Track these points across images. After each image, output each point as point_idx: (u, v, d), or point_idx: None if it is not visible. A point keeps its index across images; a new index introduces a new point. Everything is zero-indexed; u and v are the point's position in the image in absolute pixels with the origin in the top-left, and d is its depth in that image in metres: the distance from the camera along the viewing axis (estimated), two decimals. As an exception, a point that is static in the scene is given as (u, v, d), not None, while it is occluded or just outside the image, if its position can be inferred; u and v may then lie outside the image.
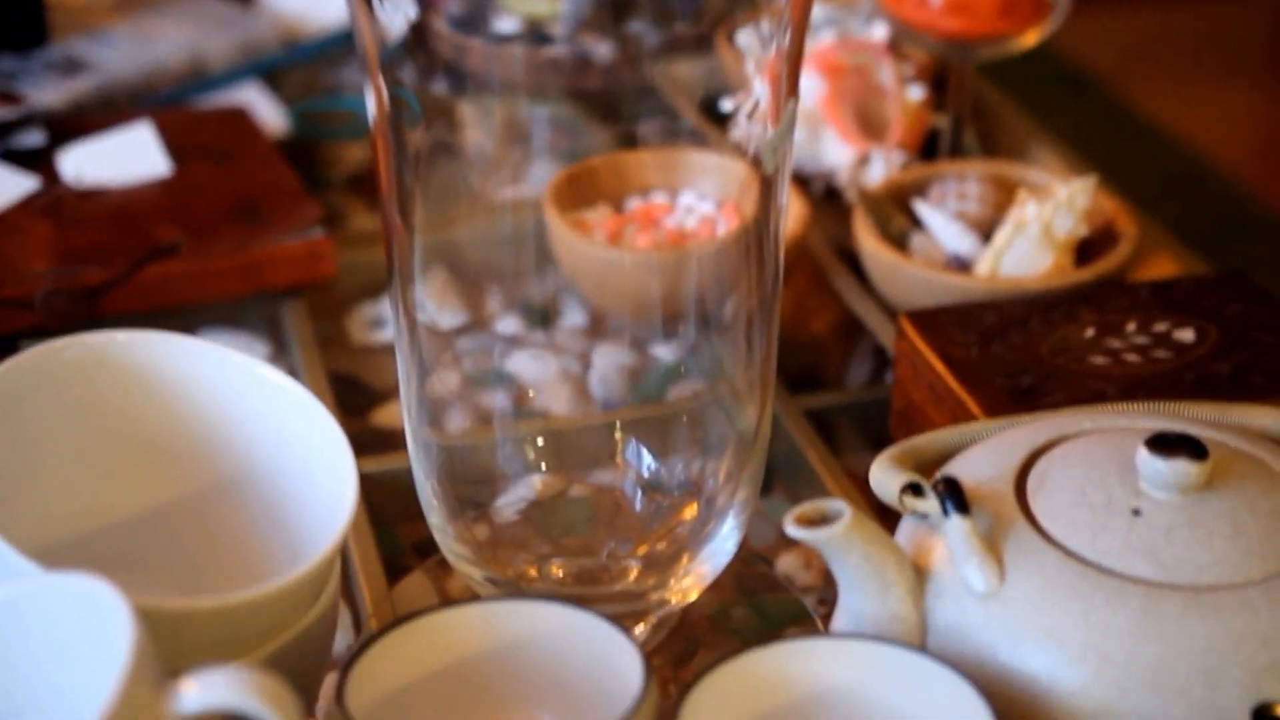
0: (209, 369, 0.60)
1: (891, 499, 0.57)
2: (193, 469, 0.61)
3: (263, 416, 0.60)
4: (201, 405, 0.61)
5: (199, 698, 0.44)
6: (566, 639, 0.54)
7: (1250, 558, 0.54)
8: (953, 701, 0.51)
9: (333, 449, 0.57)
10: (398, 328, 0.65)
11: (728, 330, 0.67)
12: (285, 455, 0.60)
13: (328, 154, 1.13)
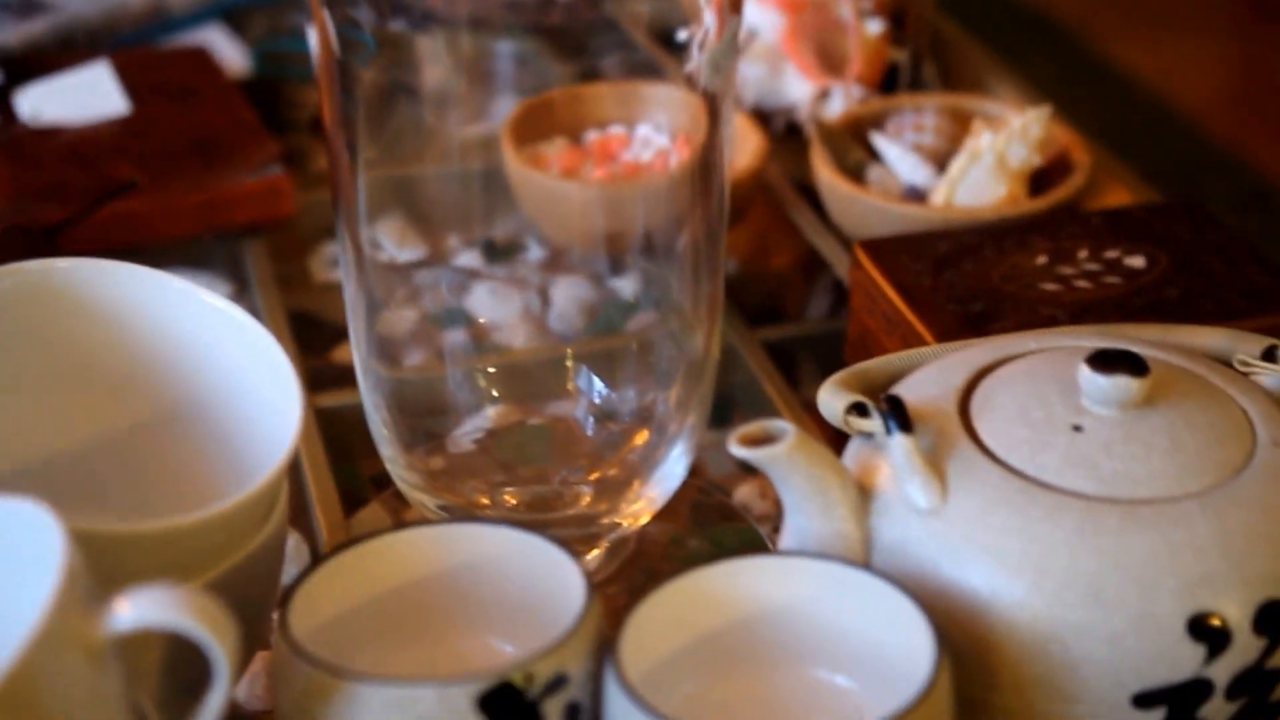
0: (151, 295, 0.60)
1: (838, 420, 0.58)
2: (138, 398, 0.61)
3: (206, 343, 0.60)
4: (145, 333, 0.60)
5: (132, 616, 0.44)
6: (512, 562, 0.55)
7: (1188, 471, 0.54)
8: (895, 616, 0.52)
9: (277, 373, 0.58)
10: (344, 261, 0.65)
11: (677, 259, 0.67)
12: (230, 382, 0.60)
13: (291, 95, 1.13)
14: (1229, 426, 0.56)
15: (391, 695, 0.48)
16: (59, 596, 0.42)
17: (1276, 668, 0.53)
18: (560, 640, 0.49)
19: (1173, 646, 0.52)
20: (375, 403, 0.66)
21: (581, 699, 0.50)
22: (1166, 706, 0.52)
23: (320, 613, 0.53)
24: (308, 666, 0.49)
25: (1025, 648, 0.53)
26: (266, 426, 0.58)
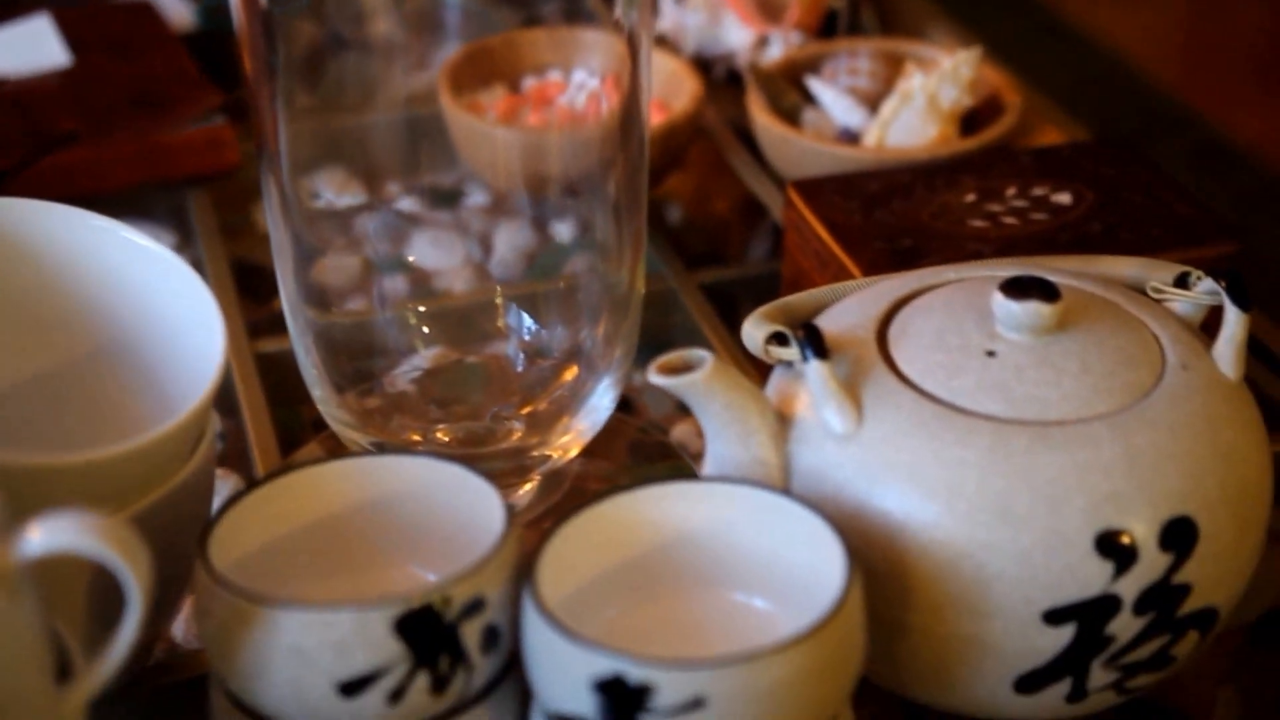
0: (75, 234, 0.61)
1: (758, 350, 0.59)
2: (64, 337, 0.61)
3: (131, 281, 0.61)
4: (69, 271, 0.61)
5: (42, 542, 0.45)
6: (435, 493, 0.55)
7: (1097, 394, 0.55)
8: (810, 539, 0.53)
9: (202, 310, 0.58)
10: (269, 205, 0.65)
11: (605, 199, 0.68)
12: (156, 319, 0.60)
13: (237, 47, 1.12)
14: (1139, 351, 0.57)
15: (310, 620, 0.49)
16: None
17: (1182, 583, 0.54)
18: (477, 564, 0.50)
19: (1081, 563, 0.53)
20: (306, 345, 0.67)
21: (500, 622, 0.51)
22: (1076, 622, 0.54)
23: (244, 544, 0.54)
24: (228, 594, 0.50)
25: (939, 567, 0.54)
26: (192, 363, 0.58)
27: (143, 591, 0.46)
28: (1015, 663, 0.55)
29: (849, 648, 0.49)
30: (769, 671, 0.47)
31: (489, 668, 0.51)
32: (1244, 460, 0.56)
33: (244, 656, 0.50)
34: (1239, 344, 0.58)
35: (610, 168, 0.67)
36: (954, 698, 0.57)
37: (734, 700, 0.47)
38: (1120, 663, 0.55)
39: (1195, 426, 0.55)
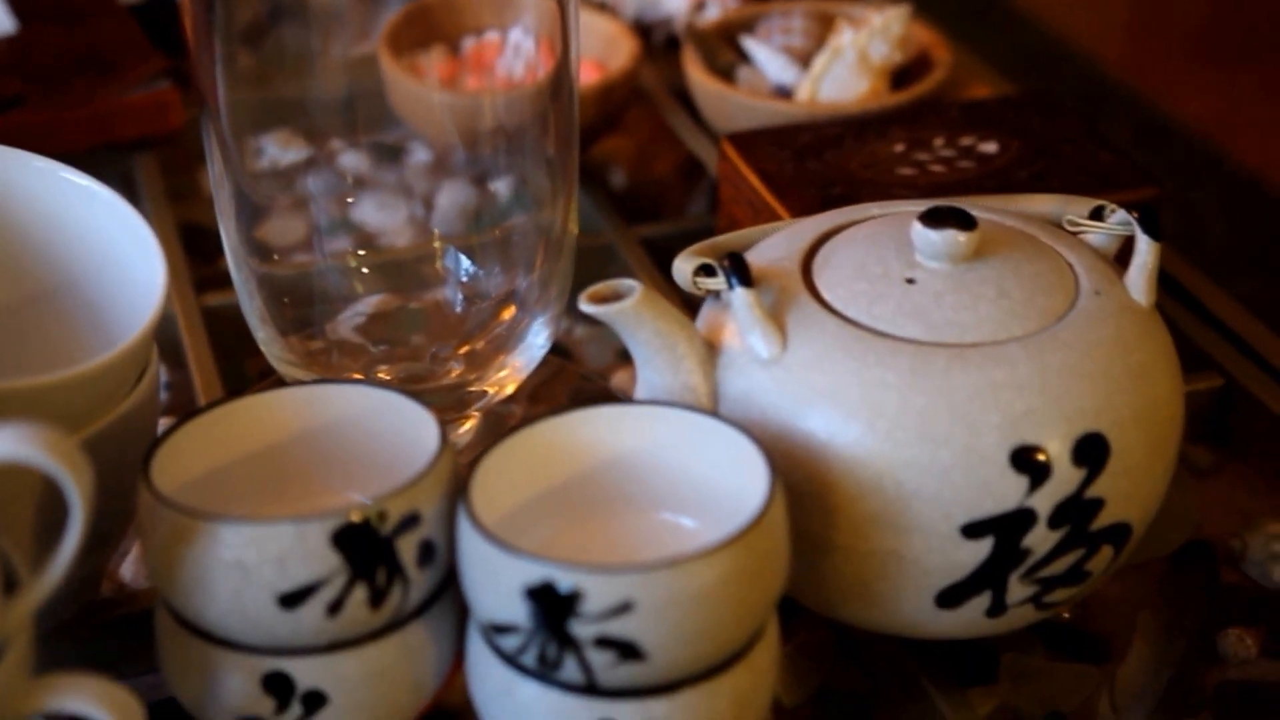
0: (14, 175, 0.62)
1: (687, 282, 0.60)
2: (7, 279, 0.63)
3: (72, 221, 0.62)
4: (9, 213, 0.62)
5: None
6: (373, 420, 0.57)
7: (1013, 318, 0.57)
8: (737, 459, 0.54)
9: (142, 246, 0.59)
10: (211, 160, 0.66)
11: (535, 149, 0.69)
12: (98, 259, 0.62)
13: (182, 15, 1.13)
14: (1054, 278, 0.59)
15: (251, 533, 0.50)
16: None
17: (1095, 498, 0.56)
18: (412, 481, 0.52)
19: (997, 478, 0.55)
20: (250, 291, 0.68)
21: (435, 539, 0.53)
22: (993, 536, 0.56)
23: (187, 471, 0.55)
24: (171, 512, 0.51)
25: (861, 484, 0.55)
26: (135, 301, 0.60)
27: (84, 501, 0.47)
28: (936, 577, 0.56)
29: (772, 557, 0.51)
30: (693, 576, 0.49)
31: (426, 583, 0.53)
32: (1154, 381, 0.58)
33: (187, 573, 0.51)
34: (1150, 271, 0.60)
35: (543, 121, 0.69)
36: (880, 614, 0.59)
37: (660, 604, 0.49)
38: (1037, 576, 0.57)
39: (1107, 348, 0.57)
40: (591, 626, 0.49)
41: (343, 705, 0.53)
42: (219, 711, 0.54)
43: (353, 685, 0.53)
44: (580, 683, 0.51)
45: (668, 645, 0.49)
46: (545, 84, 0.69)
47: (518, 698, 0.52)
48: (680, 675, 0.51)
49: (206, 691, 0.53)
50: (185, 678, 0.54)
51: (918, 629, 0.59)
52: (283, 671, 0.52)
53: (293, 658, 0.52)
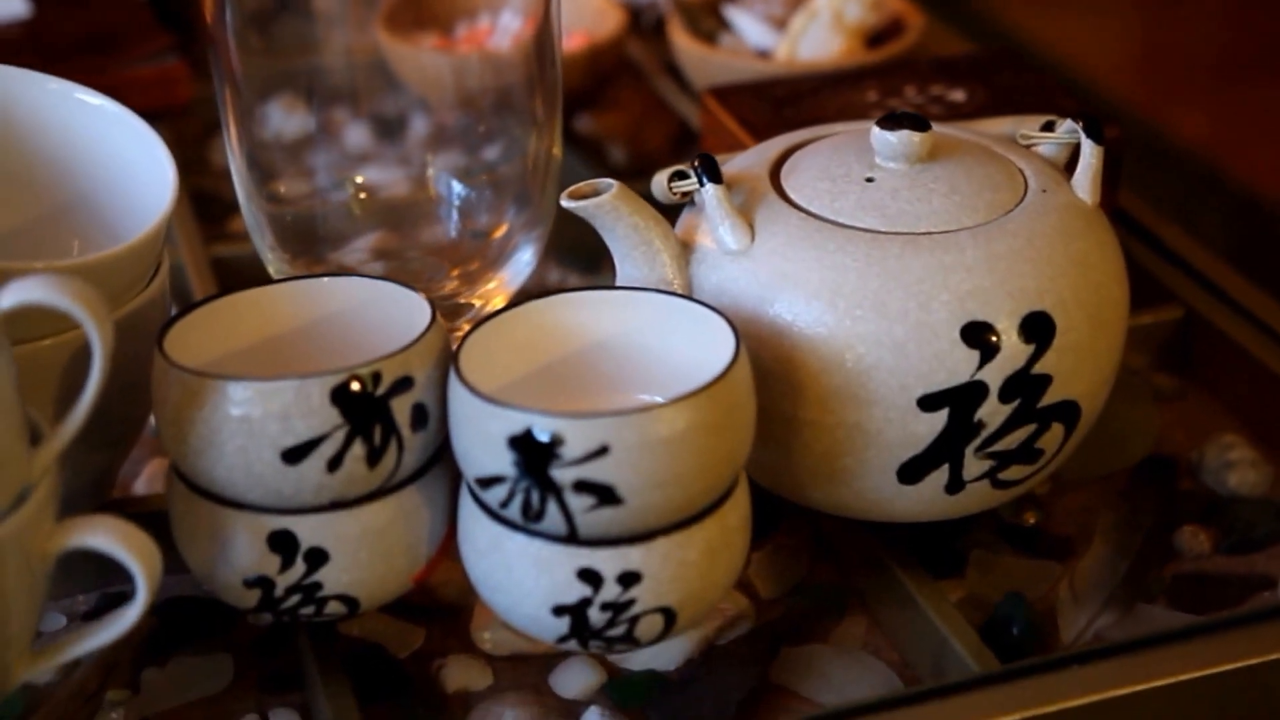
0: (31, 96, 0.66)
1: (663, 191, 0.65)
2: (27, 195, 0.66)
3: (87, 138, 0.66)
4: (28, 132, 0.66)
5: (10, 296, 0.50)
6: (369, 309, 0.61)
7: (963, 210, 0.62)
8: (712, 339, 0.58)
9: (152, 157, 0.63)
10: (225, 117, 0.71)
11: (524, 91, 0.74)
12: (111, 174, 0.66)
13: (193, 7, 1.18)
14: (1004, 178, 0.64)
15: (256, 390, 0.54)
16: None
17: (1042, 373, 0.60)
18: (405, 347, 0.56)
19: (949, 352, 0.59)
20: (261, 228, 0.72)
21: (427, 403, 0.57)
22: (948, 408, 0.60)
23: (194, 356, 0.59)
24: (181, 374, 0.56)
25: (824, 360, 0.60)
26: (147, 211, 0.64)
27: (104, 341, 0.51)
28: (897, 450, 0.60)
29: (737, 411, 0.55)
30: (664, 423, 0.53)
31: (419, 448, 0.57)
32: (1097, 268, 0.62)
33: (197, 432, 0.55)
34: (1095, 172, 0.64)
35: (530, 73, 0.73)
36: (847, 494, 0.63)
37: (633, 448, 0.53)
38: (991, 450, 0.61)
39: (1051, 237, 0.61)
40: (571, 470, 0.53)
41: (343, 563, 0.57)
42: (228, 572, 0.58)
43: (352, 544, 0.57)
44: (562, 532, 0.55)
45: (642, 489, 0.53)
46: (532, 37, 0.74)
47: (505, 550, 0.56)
48: (655, 524, 0.55)
49: (216, 553, 0.57)
50: (196, 543, 0.58)
51: (883, 508, 0.63)
52: (287, 530, 0.56)
53: (296, 516, 0.56)
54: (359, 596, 0.58)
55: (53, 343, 0.59)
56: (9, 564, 0.51)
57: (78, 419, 0.53)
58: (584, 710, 0.61)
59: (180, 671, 0.63)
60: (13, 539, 0.51)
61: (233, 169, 0.73)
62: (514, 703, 0.62)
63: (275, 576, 0.57)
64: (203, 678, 0.63)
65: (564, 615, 0.56)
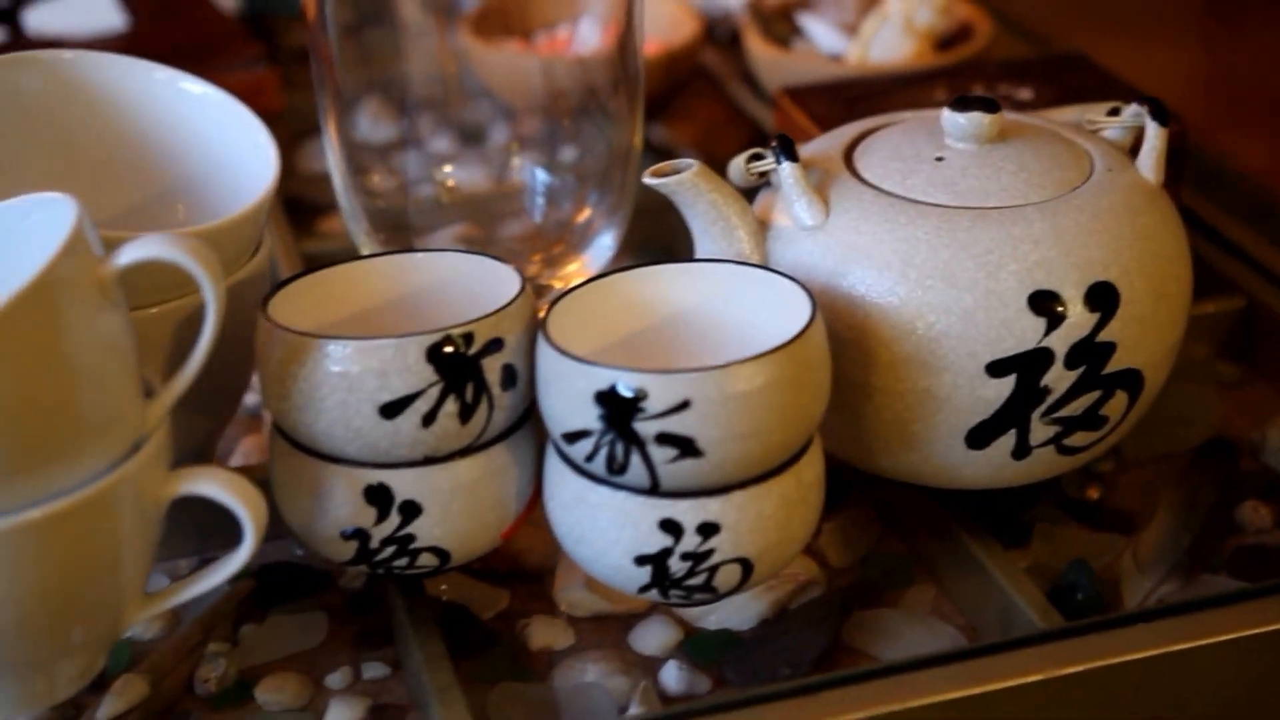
0: (138, 84, 0.69)
1: (741, 174, 0.67)
2: (134, 182, 0.70)
3: (191, 124, 0.69)
4: (136, 118, 0.69)
5: (132, 252, 0.54)
6: (460, 283, 0.64)
7: (1030, 187, 0.64)
8: (788, 308, 0.60)
9: (255, 141, 0.67)
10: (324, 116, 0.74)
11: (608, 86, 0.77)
12: (214, 158, 0.69)
13: (278, 27, 1.23)
14: (1070, 158, 0.66)
15: (356, 348, 0.57)
16: (75, 230, 0.52)
17: (1107, 341, 0.62)
18: (496, 310, 0.59)
19: (1016, 319, 0.61)
20: (356, 216, 0.76)
21: (516, 365, 0.60)
22: (1015, 373, 0.62)
23: (295, 323, 0.62)
24: (285, 334, 0.59)
25: (895, 328, 0.62)
26: (249, 192, 0.67)
27: (217, 294, 0.54)
28: (965, 415, 0.63)
29: (812, 370, 0.58)
30: (742, 379, 0.55)
31: (508, 406, 0.60)
32: (1161, 243, 0.64)
33: (299, 388, 0.58)
34: (1159, 153, 0.67)
35: (613, 70, 0.76)
36: (915, 459, 0.65)
37: (713, 402, 0.55)
38: (1057, 416, 0.63)
39: (1116, 212, 0.64)
40: (653, 424, 0.56)
41: (435, 516, 0.60)
42: (326, 525, 0.61)
43: (444, 497, 0.60)
44: (645, 485, 0.57)
45: (721, 441, 0.56)
46: (615, 41, 0.77)
47: (590, 503, 0.59)
48: (733, 476, 0.57)
49: (315, 507, 0.60)
50: (296, 498, 0.61)
51: (951, 474, 0.65)
52: (383, 483, 0.59)
53: (391, 470, 0.59)
54: (450, 549, 0.61)
55: (159, 311, 0.62)
56: (126, 507, 0.55)
57: (189, 374, 0.56)
58: (662, 665, 0.64)
59: (277, 628, 0.66)
60: (129, 483, 0.54)
61: (330, 162, 0.76)
62: (596, 659, 0.64)
63: (371, 529, 0.60)
64: (298, 633, 0.66)
65: (645, 565, 0.58)
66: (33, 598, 0.53)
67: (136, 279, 0.58)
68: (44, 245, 0.52)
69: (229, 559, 0.57)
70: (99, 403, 0.53)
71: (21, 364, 0.51)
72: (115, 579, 0.56)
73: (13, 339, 0.50)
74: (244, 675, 0.64)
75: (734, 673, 0.63)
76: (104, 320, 0.53)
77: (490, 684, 0.63)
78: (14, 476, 0.52)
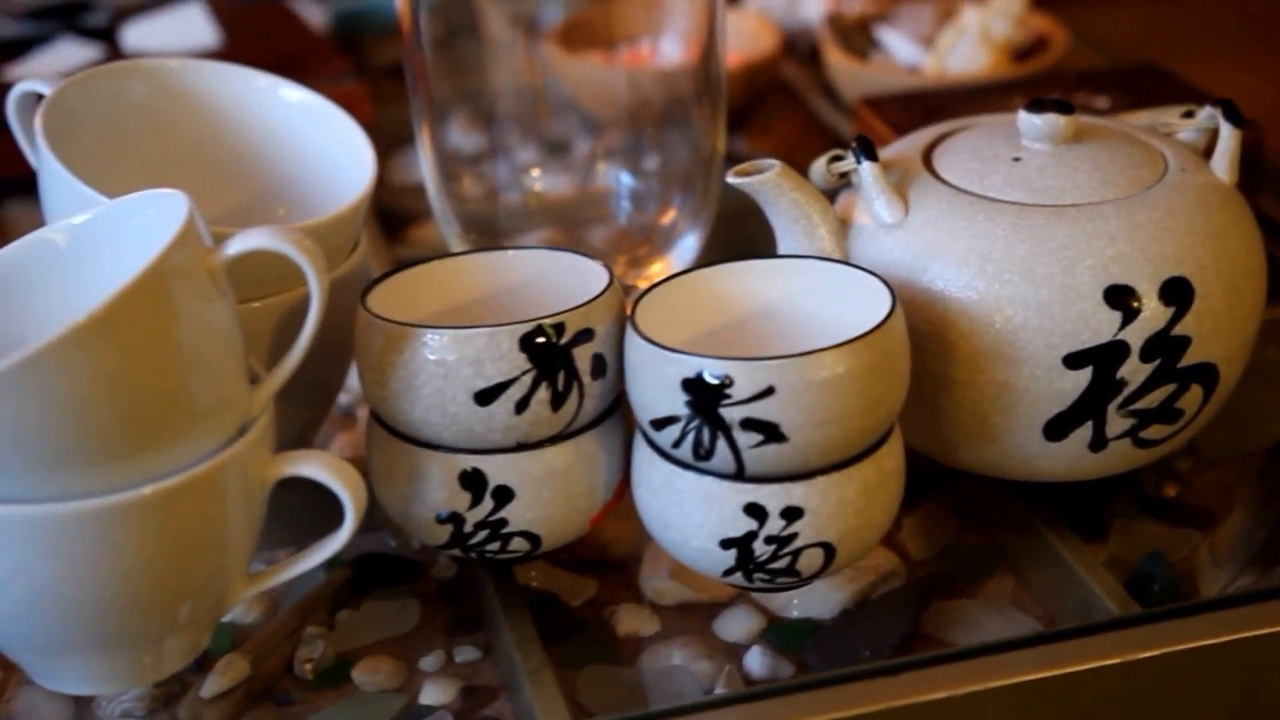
0: (237, 91, 0.72)
1: (822, 174, 0.69)
2: (234, 185, 0.73)
3: (289, 129, 0.72)
4: (236, 123, 0.72)
5: (240, 243, 0.56)
6: (549, 278, 0.66)
7: (1106, 185, 0.66)
8: (870, 302, 0.62)
9: (352, 146, 0.69)
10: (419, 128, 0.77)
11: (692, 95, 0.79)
12: (312, 163, 0.71)
13: (366, 48, 1.26)
14: (1145, 159, 0.68)
15: (452, 336, 0.60)
16: (187, 221, 0.55)
17: (1182, 335, 0.64)
18: (586, 302, 0.61)
19: (1093, 313, 0.63)
20: (448, 219, 0.78)
21: (605, 354, 0.62)
22: (1092, 366, 0.63)
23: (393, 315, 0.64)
24: (384, 324, 0.61)
25: (974, 321, 0.64)
26: (345, 194, 0.69)
27: (321, 286, 0.57)
28: (1043, 406, 0.64)
29: (893, 358, 0.60)
30: (825, 366, 0.57)
31: (598, 395, 0.62)
32: (1235, 240, 0.66)
33: (397, 376, 0.61)
34: (1233, 154, 0.68)
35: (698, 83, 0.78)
36: (994, 450, 0.66)
37: (797, 389, 0.57)
38: (1133, 408, 0.65)
39: (1190, 210, 0.65)
40: (739, 409, 0.58)
41: (527, 500, 0.62)
42: (422, 509, 0.63)
43: (536, 483, 0.62)
44: (730, 470, 0.59)
45: (804, 426, 0.58)
46: (699, 52, 0.79)
47: (677, 488, 0.60)
48: (816, 462, 0.59)
49: (411, 491, 0.63)
50: (392, 483, 0.63)
51: (1029, 465, 0.67)
52: (477, 468, 0.62)
53: (485, 455, 0.61)
54: (540, 534, 0.63)
55: (260, 305, 0.65)
56: (233, 486, 0.57)
57: (294, 360, 0.59)
58: (745, 651, 0.65)
59: (372, 613, 0.68)
60: (237, 463, 0.57)
61: (423, 168, 0.78)
62: (681, 645, 0.66)
63: (465, 513, 0.62)
64: (392, 619, 0.68)
65: (730, 548, 0.60)
66: (146, 573, 0.56)
67: (239, 274, 0.60)
68: (158, 238, 0.55)
69: (330, 539, 0.60)
70: (210, 385, 0.56)
71: (139, 347, 0.53)
72: (222, 556, 0.58)
73: (130, 323, 0.53)
74: (341, 657, 0.66)
75: (815, 658, 0.65)
76: (214, 307, 0.56)
77: (578, 667, 0.65)
78: (131, 455, 0.54)
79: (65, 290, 0.59)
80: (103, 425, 0.53)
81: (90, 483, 0.54)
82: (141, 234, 0.58)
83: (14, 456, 0.53)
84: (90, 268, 0.59)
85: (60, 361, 0.52)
